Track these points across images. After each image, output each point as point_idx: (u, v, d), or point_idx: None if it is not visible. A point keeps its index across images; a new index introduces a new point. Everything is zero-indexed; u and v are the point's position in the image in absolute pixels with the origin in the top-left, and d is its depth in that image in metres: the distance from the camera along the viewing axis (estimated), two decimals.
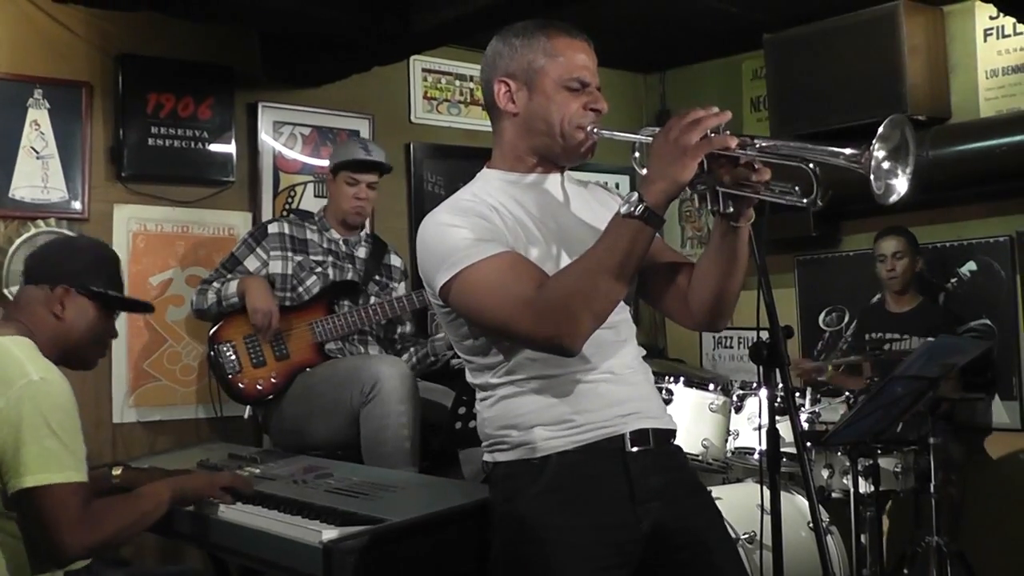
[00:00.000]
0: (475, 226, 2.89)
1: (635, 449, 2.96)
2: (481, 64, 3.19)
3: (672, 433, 3.14)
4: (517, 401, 2.96)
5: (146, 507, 3.64)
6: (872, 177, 2.52)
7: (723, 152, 2.66)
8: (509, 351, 2.94)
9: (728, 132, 2.67)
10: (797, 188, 2.68)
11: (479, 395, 3.08)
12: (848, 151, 2.53)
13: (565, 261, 2.92)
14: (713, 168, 2.69)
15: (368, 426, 4.96)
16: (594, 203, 3.17)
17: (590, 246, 2.78)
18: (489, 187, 3.07)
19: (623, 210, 2.68)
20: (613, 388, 2.98)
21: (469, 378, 3.11)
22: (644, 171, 2.78)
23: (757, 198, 2.74)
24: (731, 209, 2.78)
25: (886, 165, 2.56)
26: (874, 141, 2.50)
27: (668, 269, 3.15)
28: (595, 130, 3.01)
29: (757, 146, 2.66)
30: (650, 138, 2.80)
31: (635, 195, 2.67)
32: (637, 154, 3.01)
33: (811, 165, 2.61)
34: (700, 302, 3.04)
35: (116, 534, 3.50)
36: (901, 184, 2.59)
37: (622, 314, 3.07)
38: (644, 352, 3.18)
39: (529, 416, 2.93)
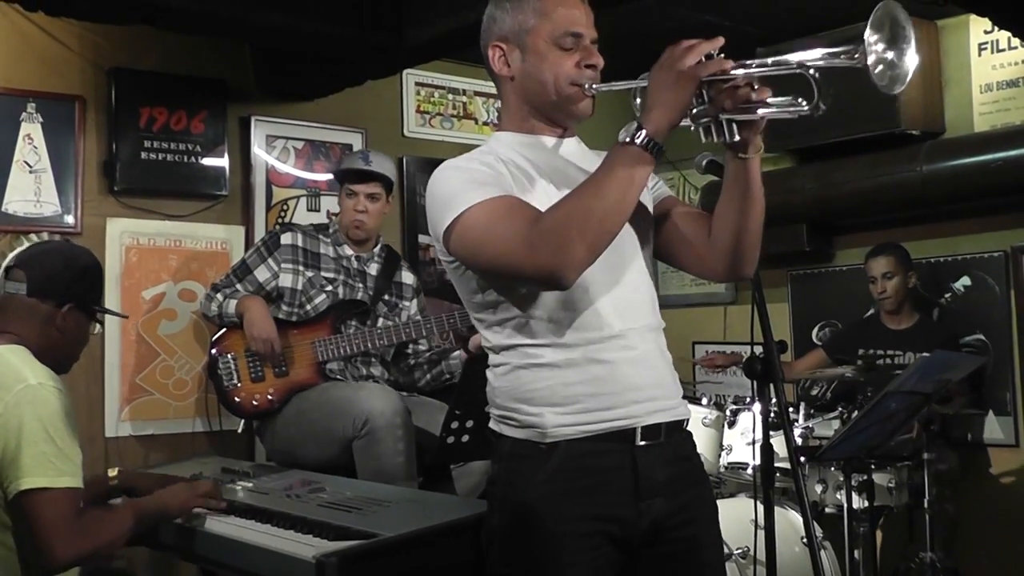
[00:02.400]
0: (478, 172, 2.90)
1: (644, 443, 2.94)
2: (480, 32, 3.16)
3: (684, 422, 3.12)
4: (531, 373, 2.93)
5: (133, 520, 3.63)
6: (874, 69, 2.50)
7: (720, 77, 2.65)
8: (523, 302, 2.92)
9: (723, 55, 2.67)
10: (800, 99, 2.66)
11: (491, 359, 3.05)
12: (843, 48, 2.52)
13: None
14: (713, 96, 2.69)
15: (362, 460, 4.92)
16: (600, 162, 3.15)
17: None
18: (498, 145, 3.08)
19: (622, 136, 2.68)
20: (631, 371, 2.94)
21: (483, 341, 3.09)
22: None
23: (761, 116, 2.72)
24: (738, 138, 2.76)
25: (888, 55, 2.53)
26: (866, 32, 2.49)
27: (687, 221, 3.13)
28: (591, 85, 3.00)
29: (754, 65, 2.65)
30: (645, 81, 2.78)
31: (634, 124, 2.67)
32: (638, 100, 2.95)
33: (811, 71, 2.59)
34: (721, 248, 3.00)
35: (105, 545, 3.51)
36: (906, 66, 2.55)
37: (643, 275, 3.06)
38: (664, 324, 3.13)
39: (542, 393, 2.91)
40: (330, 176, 6.83)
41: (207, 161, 6.51)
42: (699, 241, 3.08)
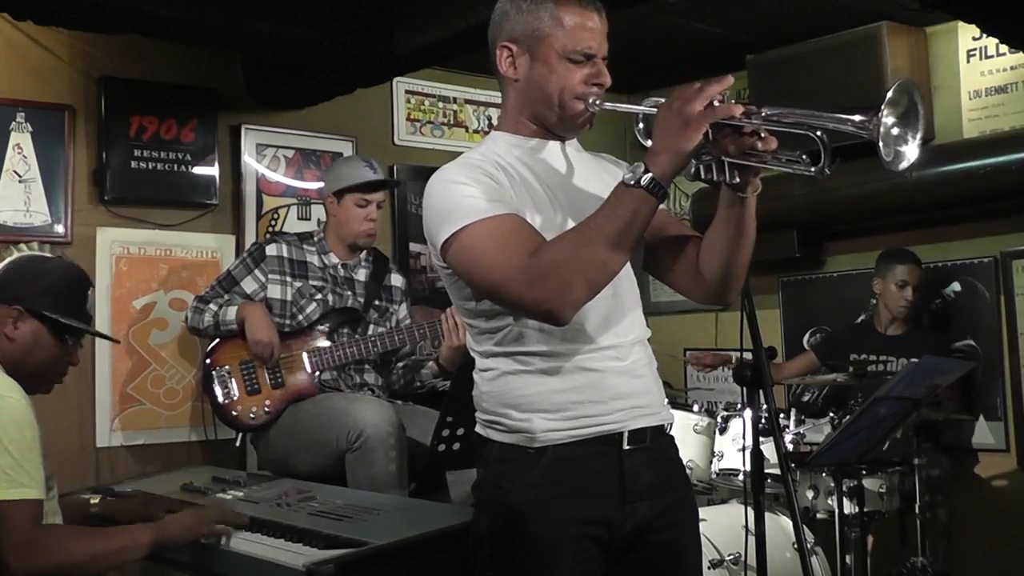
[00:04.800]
0: (481, 184, 2.87)
1: (630, 447, 2.95)
2: (490, 23, 3.11)
3: (668, 426, 3.13)
4: (520, 380, 2.93)
5: (116, 545, 3.50)
6: (881, 144, 2.48)
7: (728, 121, 2.64)
8: (517, 312, 2.91)
9: (733, 100, 2.66)
10: (805, 156, 2.64)
11: (479, 364, 3.04)
12: (857, 117, 2.49)
13: (568, 226, 2.89)
14: (718, 138, 2.67)
15: (354, 473, 4.92)
16: (601, 171, 3.15)
17: (592, 210, 2.76)
18: (497, 148, 3.06)
19: (627, 178, 2.67)
20: (619, 380, 2.96)
21: (470, 344, 3.09)
22: (648, 143, 2.77)
23: (763, 167, 2.72)
24: (737, 180, 2.76)
25: (895, 131, 2.51)
26: (883, 106, 2.47)
27: (677, 241, 3.13)
28: (596, 102, 2.98)
29: (763, 115, 2.63)
30: (653, 109, 2.78)
31: (641, 165, 2.65)
32: (641, 126, 2.97)
33: (819, 133, 2.57)
34: (709, 275, 3.01)
35: (71, 564, 3.36)
36: (911, 150, 2.54)
37: (632, 288, 3.07)
38: (649, 333, 3.14)
39: (530, 399, 2.91)
40: (321, 184, 6.84)
41: (197, 170, 6.51)
42: (687, 264, 3.10)
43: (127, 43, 6.12)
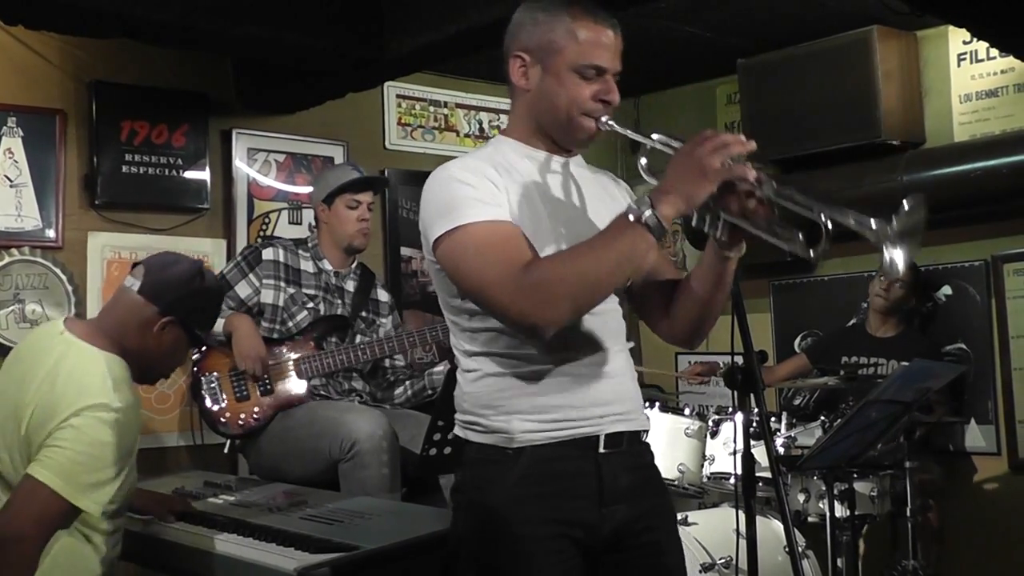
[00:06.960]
0: (483, 186, 2.88)
1: (606, 451, 2.96)
2: (506, 31, 3.11)
3: (644, 432, 3.14)
4: (501, 381, 2.94)
5: None
6: (883, 253, 2.53)
7: (738, 182, 2.66)
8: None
9: (748, 163, 2.67)
10: (801, 236, 2.67)
11: (463, 364, 3.05)
12: (871, 220, 2.53)
13: (561, 239, 2.91)
14: (724, 194, 2.70)
15: (347, 482, 4.92)
16: (601, 191, 3.16)
17: (589, 232, 2.81)
18: (502, 152, 3.06)
19: (631, 212, 2.69)
20: (600, 385, 2.97)
21: (454, 341, 3.08)
22: (650, 178, 2.82)
23: (758, 235, 2.74)
24: (726, 237, 2.80)
25: (900, 243, 2.55)
26: (894, 217, 2.51)
27: (654, 280, 3.14)
28: (605, 120, 2.98)
29: (773, 186, 2.65)
30: (663, 146, 2.82)
31: (647, 200, 2.67)
32: (644, 160, 2.95)
33: (824, 220, 2.58)
34: (682, 320, 3.05)
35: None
36: (902, 262, 2.56)
37: (612, 304, 3.06)
38: (632, 344, 3.15)
39: (510, 401, 2.92)
40: (311, 188, 6.83)
41: (188, 174, 6.50)
42: (660, 303, 3.12)
43: (118, 47, 6.12)
